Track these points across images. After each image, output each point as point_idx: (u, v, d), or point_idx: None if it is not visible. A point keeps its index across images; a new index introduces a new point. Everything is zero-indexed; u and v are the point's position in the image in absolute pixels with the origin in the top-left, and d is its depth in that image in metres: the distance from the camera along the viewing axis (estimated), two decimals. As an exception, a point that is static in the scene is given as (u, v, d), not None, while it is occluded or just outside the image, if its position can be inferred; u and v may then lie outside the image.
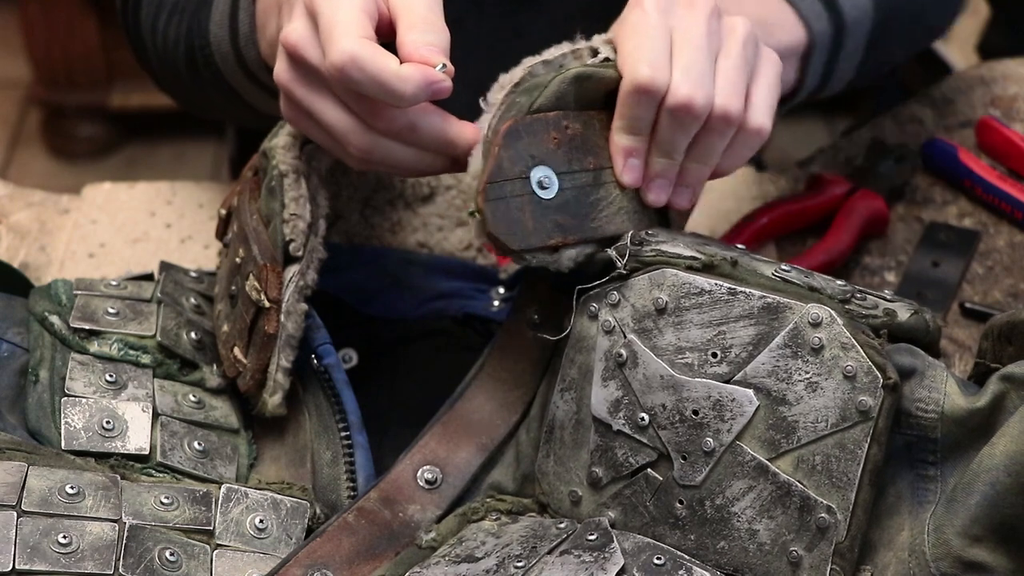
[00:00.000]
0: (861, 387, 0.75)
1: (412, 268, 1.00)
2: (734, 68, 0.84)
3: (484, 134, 0.81)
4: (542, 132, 0.82)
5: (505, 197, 0.80)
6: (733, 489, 0.76)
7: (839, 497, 0.74)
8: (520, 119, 0.81)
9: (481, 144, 0.81)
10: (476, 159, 0.81)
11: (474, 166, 0.81)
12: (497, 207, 0.80)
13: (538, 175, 0.81)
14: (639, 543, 0.77)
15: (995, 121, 1.19)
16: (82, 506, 0.76)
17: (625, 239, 0.82)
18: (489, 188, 0.79)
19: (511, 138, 0.80)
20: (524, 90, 0.82)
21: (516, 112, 0.81)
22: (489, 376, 0.86)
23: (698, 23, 0.84)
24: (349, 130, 0.83)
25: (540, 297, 0.85)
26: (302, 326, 0.86)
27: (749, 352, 0.77)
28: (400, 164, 0.85)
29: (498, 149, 0.80)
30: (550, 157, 0.82)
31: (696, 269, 0.80)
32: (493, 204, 0.80)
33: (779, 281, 0.78)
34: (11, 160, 2.79)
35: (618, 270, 0.81)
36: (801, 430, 0.76)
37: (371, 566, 0.79)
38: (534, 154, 0.81)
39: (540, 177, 0.81)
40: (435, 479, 0.83)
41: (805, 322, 0.76)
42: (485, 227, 0.80)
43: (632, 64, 0.82)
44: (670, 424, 0.78)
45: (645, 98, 0.82)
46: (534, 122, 0.82)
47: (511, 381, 0.86)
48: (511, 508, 0.82)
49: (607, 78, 0.83)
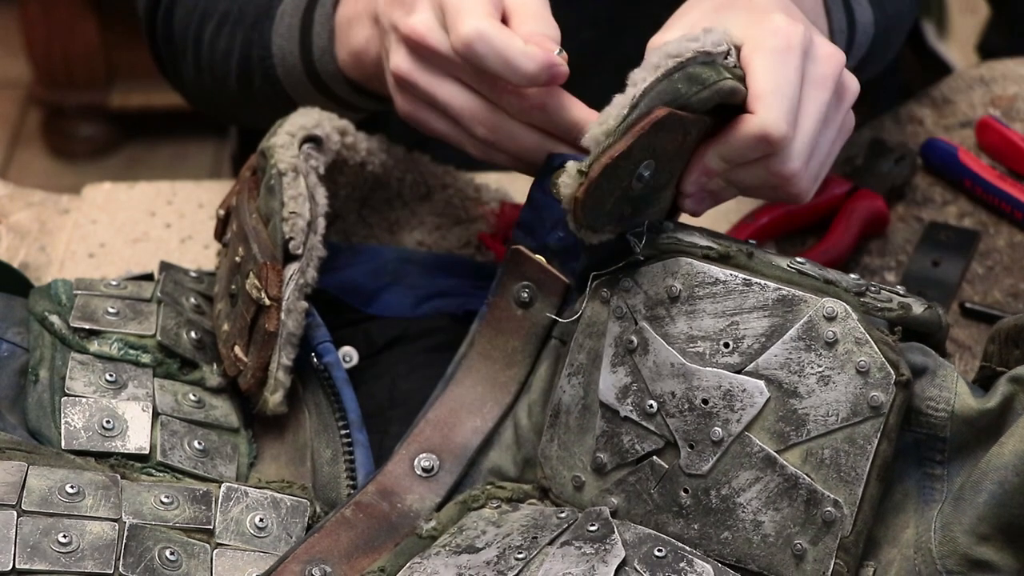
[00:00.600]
0: (874, 383, 0.75)
1: (411, 266, 1.00)
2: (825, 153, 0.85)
3: (633, 97, 0.77)
4: (676, 132, 0.79)
5: (613, 175, 0.77)
6: (740, 480, 0.76)
7: (846, 492, 0.74)
8: (673, 112, 0.77)
9: (624, 106, 0.77)
10: (611, 115, 0.77)
11: (606, 123, 0.77)
12: (601, 183, 0.77)
13: (644, 169, 0.79)
14: (640, 534, 0.77)
15: (995, 121, 1.19)
16: (82, 505, 0.77)
17: (643, 225, 0.81)
18: (610, 164, 0.77)
19: (656, 128, 0.77)
20: (685, 78, 0.78)
21: (671, 100, 0.78)
22: (479, 355, 0.86)
23: (826, 90, 0.83)
24: (476, 111, 0.86)
25: (530, 274, 0.85)
26: (302, 324, 0.87)
27: (762, 343, 0.77)
28: (524, 148, 0.87)
29: (640, 133, 0.77)
30: (662, 156, 0.79)
31: (712, 259, 0.80)
32: (601, 179, 0.77)
33: (795, 273, 0.79)
34: (11, 160, 2.79)
35: (635, 255, 0.81)
36: (811, 423, 0.76)
37: (371, 559, 0.79)
38: (657, 149, 0.78)
39: (644, 171, 0.79)
40: (432, 467, 0.83)
41: (820, 316, 0.76)
42: (579, 191, 0.77)
43: (770, 112, 0.80)
44: (679, 412, 0.78)
45: (765, 146, 0.81)
46: (679, 120, 0.78)
47: (502, 360, 0.86)
48: (511, 495, 0.82)
49: (742, 98, 0.80)
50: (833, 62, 0.84)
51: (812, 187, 0.85)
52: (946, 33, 2.34)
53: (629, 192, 0.79)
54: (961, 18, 2.34)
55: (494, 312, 0.86)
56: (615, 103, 0.78)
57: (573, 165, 0.78)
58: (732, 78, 0.80)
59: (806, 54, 0.83)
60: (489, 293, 0.87)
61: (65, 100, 2.70)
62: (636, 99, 0.77)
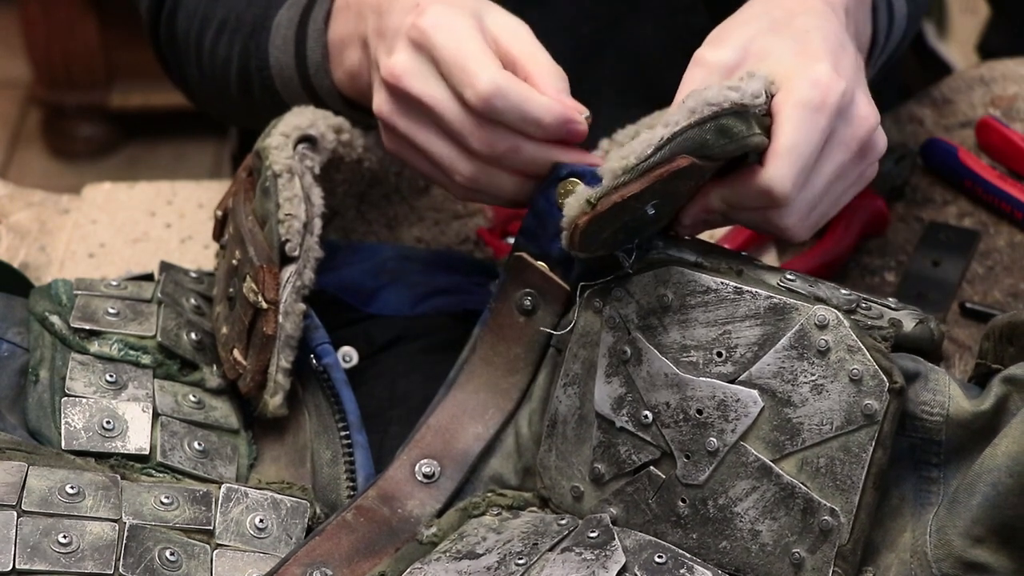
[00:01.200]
0: (867, 391, 0.75)
1: (409, 264, 1.00)
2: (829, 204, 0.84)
3: (661, 139, 0.76)
4: (692, 178, 0.78)
5: (619, 213, 0.77)
6: (736, 489, 0.76)
7: (843, 500, 0.74)
8: (694, 163, 0.76)
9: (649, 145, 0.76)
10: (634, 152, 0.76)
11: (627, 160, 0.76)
12: (608, 217, 0.77)
13: (650, 208, 0.78)
14: (640, 541, 0.77)
15: (995, 121, 1.19)
16: (82, 506, 0.77)
17: (633, 242, 0.81)
18: (620, 203, 0.76)
19: (677, 176, 0.76)
20: (716, 129, 0.76)
21: (696, 148, 0.76)
22: (481, 361, 0.86)
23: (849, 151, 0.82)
24: (454, 159, 0.85)
25: (532, 282, 0.85)
26: (300, 326, 0.86)
27: (755, 352, 0.77)
28: (504, 192, 0.86)
29: (659, 179, 0.76)
30: (671, 196, 0.78)
31: (702, 270, 0.79)
32: (609, 214, 0.76)
33: (784, 291, 0.78)
34: (11, 160, 2.79)
35: (624, 270, 0.81)
36: (806, 432, 0.75)
37: (371, 563, 0.79)
38: (668, 192, 0.77)
39: (649, 209, 0.78)
40: (433, 473, 0.83)
41: (812, 324, 0.76)
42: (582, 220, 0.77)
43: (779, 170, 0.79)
44: (674, 423, 0.78)
45: (767, 201, 0.80)
46: (700, 170, 0.77)
47: (504, 367, 0.85)
48: (512, 503, 0.82)
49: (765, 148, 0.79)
50: (866, 124, 0.83)
51: (807, 235, 0.84)
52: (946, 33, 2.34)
53: (631, 224, 0.79)
54: (961, 18, 2.34)
55: (496, 318, 0.86)
56: (643, 139, 0.77)
57: (583, 192, 0.77)
58: (760, 132, 0.78)
59: (840, 113, 0.81)
60: (491, 299, 0.86)
61: (65, 100, 2.70)
62: (663, 141, 0.76)
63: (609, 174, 0.77)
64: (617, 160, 0.77)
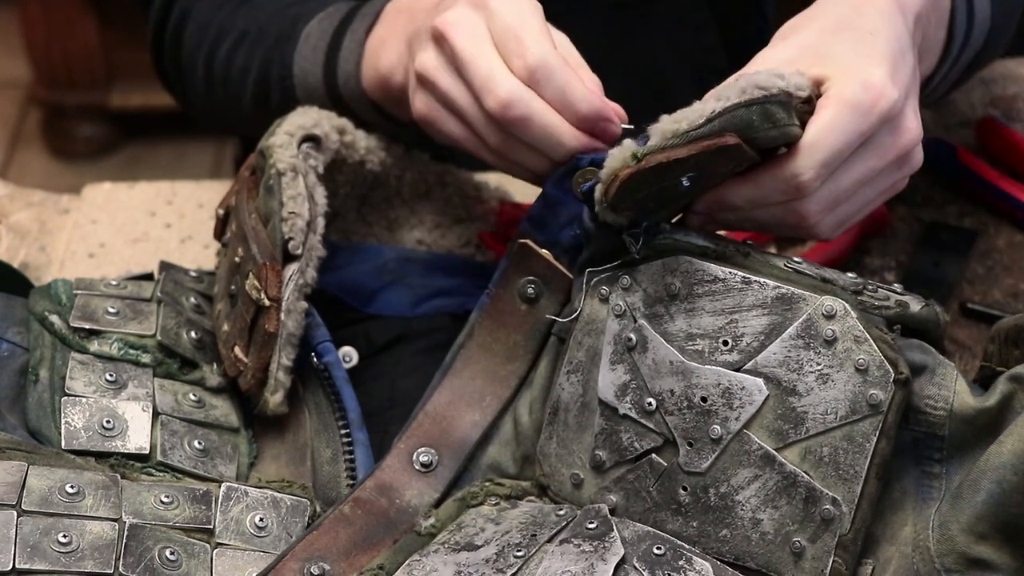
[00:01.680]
0: (872, 381, 0.75)
1: (410, 266, 1.00)
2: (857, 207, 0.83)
3: (712, 111, 0.77)
4: (732, 161, 0.78)
5: (659, 174, 0.77)
6: (738, 477, 0.76)
7: (845, 489, 0.74)
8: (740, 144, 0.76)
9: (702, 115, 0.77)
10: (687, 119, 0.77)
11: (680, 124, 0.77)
12: (647, 175, 0.77)
13: (687, 179, 0.78)
14: (639, 532, 0.77)
15: (995, 121, 1.19)
16: (82, 505, 0.77)
17: (640, 226, 0.81)
18: (664, 163, 0.76)
19: (719, 153, 0.77)
20: (762, 112, 0.77)
21: (743, 128, 0.77)
22: (479, 348, 0.86)
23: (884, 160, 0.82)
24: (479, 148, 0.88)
25: (536, 270, 0.85)
26: (302, 324, 0.87)
27: (761, 341, 0.77)
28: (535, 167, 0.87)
29: (704, 149, 0.76)
30: (708, 173, 0.79)
31: (709, 257, 0.79)
32: (648, 172, 0.77)
33: (792, 272, 0.78)
34: (11, 160, 2.79)
35: (631, 255, 0.81)
36: (810, 421, 0.76)
37: (370, 555, 0.79)
38: (707, 168, 0.78)
39: (685, 180, 0.78)
40: (431, 461, 0.83)
41: (819, 314, 0.76)
42: (623, 172, 0.77)
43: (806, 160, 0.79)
44: (677, 410, 0.78)
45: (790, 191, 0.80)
46: (742, 153, 0.77)
47: (503, 354, 0.85)
48: (510, 492, 0.82)
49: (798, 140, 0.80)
50: (909, 136, 0.82)
51: (830, 232, 0.84)
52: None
53: (663, 192, 0.79)
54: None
55: (496, 304, 0.86)
56: (695, 108, 0.77)
57: (629, 146, 0.78)
58: (798, 124, 0.79)
59: (886, 120, 0.81)
60: (491, 283, 0.86)
61: (65, 100, 2.70)
62: (714, 114, 0.77)
63: (659, 134, 0.77)
64: (669, 123, 0.77)
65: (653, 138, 0.77)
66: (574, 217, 0.84)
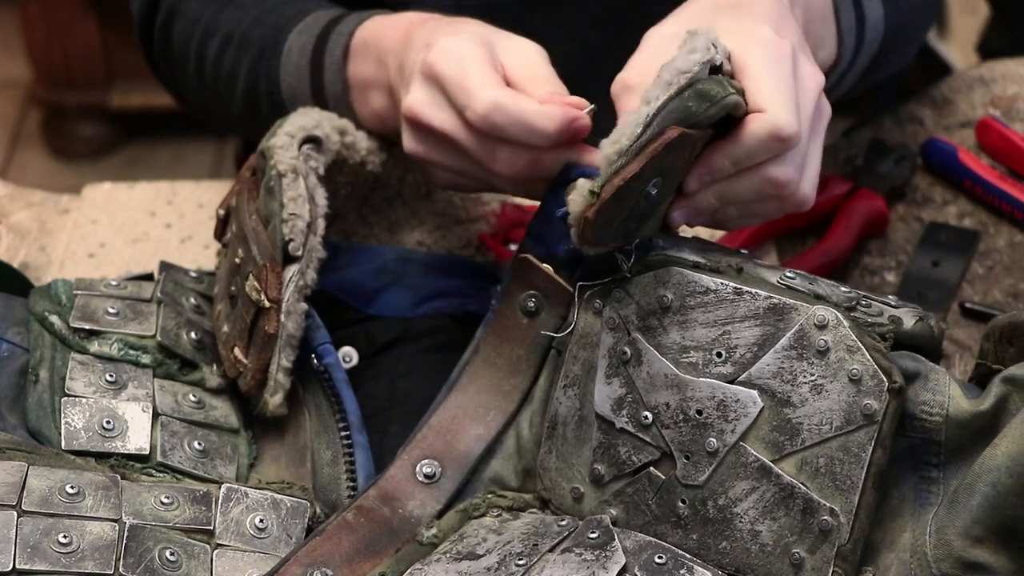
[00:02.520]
0: (866, 390, 0.75)
1: (411, 266, 1.00)
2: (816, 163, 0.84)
3: (647, 116, 0.76)
4: (686, 150, 0.79)
5: (624, 196, 0.77)
6: (736, 490, 0.76)
7: (842, 500, 0.74)
8: (684, 132, 0.77)
9: (638, 124, 0.76)
10: (624, 134, 0.76)
11: (619, 142, 0.76)
12: (613, 204, 0.77)
13: (652, 187, 0.78)
14: (640, 541, 0.77)
15: (995, 121, 1.19)
16: (82, 506, 0.77)
17: (632, 243, 0.81)
18: (622, 186, 0.76)
19: (669, 148, 0.77)
20: (696, 95, 0.77)
21: (683, 118, 0.77)
22: (484, 363, 0.86)
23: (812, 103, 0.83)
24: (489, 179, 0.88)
25: (537, 284, 0.85)
26: (302, 326, 0.86)
27: (754, 353, 0.77)
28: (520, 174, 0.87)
29: (654, 154, 0.76)
30: (668, 172, 0.79)
31: (701, 270, 0.79)
32: (613, 200, 0.76)
33: (784, 289, 0.78)
34: (11, 160, 2.79)
35: (623, 272, 0.81)
36: (805, 432, 0.75)
37: (371, 563, 0.79)
38: (666, 168, 0.78)
39: (651, 189, 0.78)
40: (434, 473, 0.83)
41: (811, 324, 0.76)
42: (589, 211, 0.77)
43: (779, 110, 0.80)
44: (673, 423, 0.78)
45: (778, 145, 0.81)
46: (690, 138, 0.78)
47: (506, 368, 0.85)
48: (512, 504, 0.82)
49: (743, 112, 0.80)
50: (815, 81, 0.84)
51: (812, 194, 0.85)
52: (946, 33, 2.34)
53: (636, 209, 0.79)
54: (961, 18, 2.34)
55: (500, 319, 0.86)
56: (629, 120, 0.77)
57: (584, 184, 0.77)
58: (735, 92, 0.79)
59: (794, 67, 0.83)
60: (495, 300, 0.86)
61: (65, 100, 2.70)
62: (650, 118, 0.77)
63: (605, 161, 0.77)
64: (609, 145, 0.77)
65: (601, 167, 0.77)
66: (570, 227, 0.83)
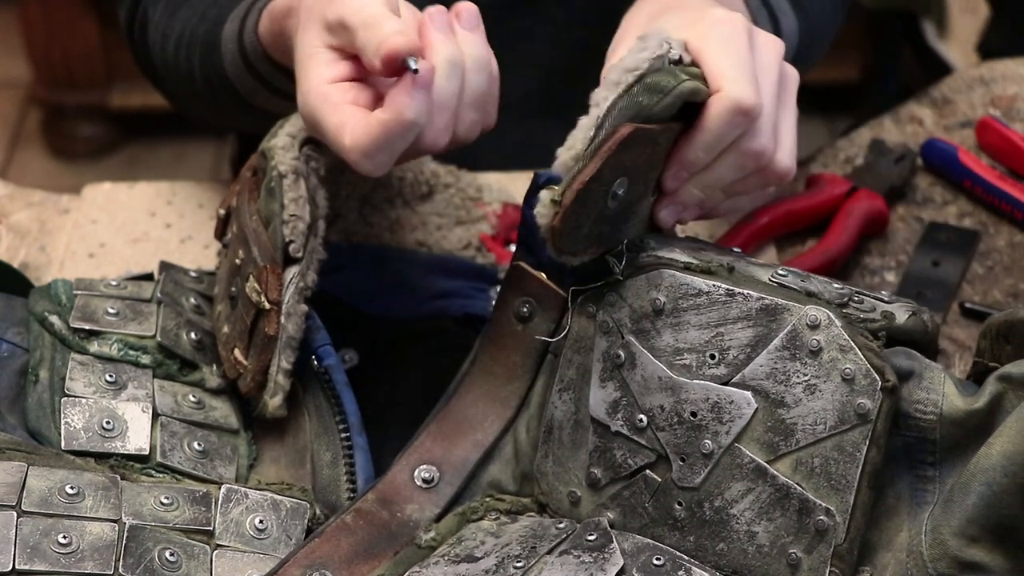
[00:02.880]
0: (860, 390, 0.75)
1: (411, 267, 1.00)
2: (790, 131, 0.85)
3: (597, 118, 0.77)
4: (644, 145, 0.79)
5: (587, 200, 0.77)
6: (732, 491, 0.76)
7: (838, 499, 0.74)
8: (638, 128, 0.77)
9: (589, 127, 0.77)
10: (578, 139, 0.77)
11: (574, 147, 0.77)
12: (576, 208, 0.77)
13: (617, 188, 0.78)
14: (638, 543, 0.77)
15: (995, 121, 1.19)
16: (82, 506, 0.77)
17: (622, 245, 0.81)
18: (582, 190, 0.76)
19: (624, 146, 0.77)
20: (645, 89, 0.78)
21: (635, 115, 0.78)
22: (481, 371, 0.86)
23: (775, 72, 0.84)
24: None
25: (530, 290, 0.84)
26: (302, 327, 0.86)
27: (747, 354, 0.77)
28: None
29: (608, 154, 0.76)
30: (633, 171, 0.79)
31: (693, 271, 0.79)
32: (575, 205, 0.77)
33: (775, 287, 0.78)
34: (11, 160, 2.79)
35: (615, 275, 0.81)
36: (800, 432, 0.75)
37: (370, 566, 0.79)
38: (627, 166, 0.78)
39: (618, 189, 0.78)
40: (432, 478, 0.83)
41: (803, 324, 0.76)
42: (555, 220, 0.77)
43: (736, 84, 0.81)
44: (668, 426, 0.78)
45: (742, 119, 0.81)
46: (646, 134, 0.78)
47: (503, 375, 0.85)
48: (510, 508, 0.82)
49: (704, 95, 0.81)
50: (775, 49, 0.85)
51: (792, 162, 0.85)
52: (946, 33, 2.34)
53: (605, 212, 0.79)
54: (961, 18, 2.34)
55: (495, 328, 0.86)
56: (580, 126, 0.77)
57: (546, 195, 0.77)
58: (690, 78, 0.80)
59: (751, 40, 0.84)
60: (493, 309, 0.86)
61: (65, 100, 2.70)
62: (600, 119, 0.77)
63: (562, 168, 0.77)
64: (565, 152, 0.77)
65: (561, 175, 0.77)
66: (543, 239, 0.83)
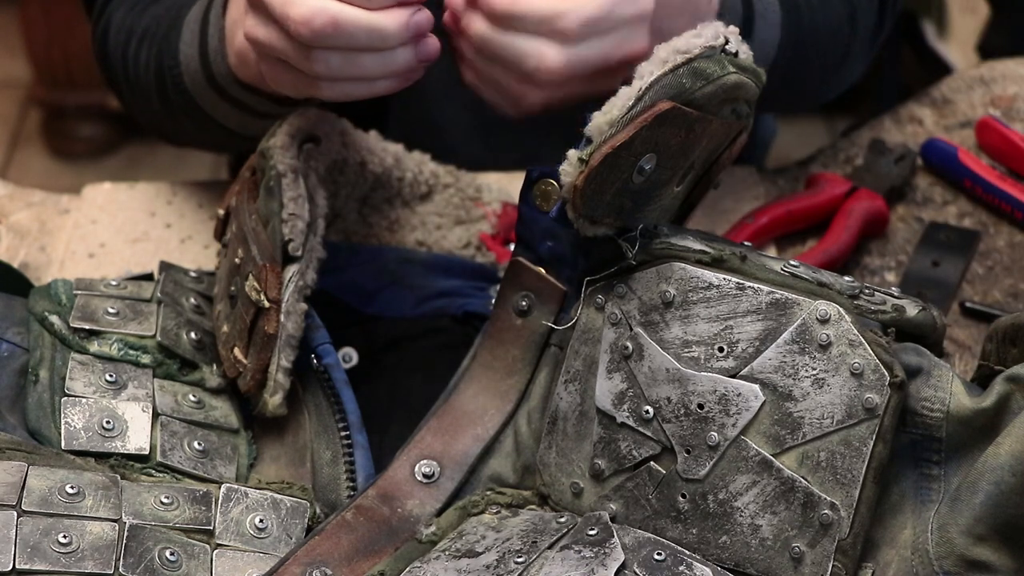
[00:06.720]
0: (868, 384, 0.75)
1: (411, 267, 1.00)
2: None
3: (639, 90, 0.78)
4: (679, 127, 0.79)
5: (614, 166, 0.77)
6: (737, 484, 0.76)
7: (843, 494, 0.74)
8: (676, 107, 0.78)
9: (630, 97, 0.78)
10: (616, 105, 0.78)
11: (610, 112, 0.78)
12: (602, 172, 0.77)
13: (645, 162, 0.79)
14: (639, 538, 0.77)
15: (995, 121, 1.19)
16: (82, 506, 0.77)
17: (636, 230, 0.81)
18: (611, 154, 0.77)
19: (659, 121, 0.77)
20: (690, 72, 0.79)
21: (676, 94, 0.78)
22: (481, 366, 0.86)
23: None
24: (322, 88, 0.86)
25: (529, 284, 0.85)
26: (302, 326, 0.86)
27: (756, 347, 0.77)
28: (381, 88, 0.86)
29: (643, 124, 0.77)
30: (663, 151, 0.79)
31: (705, 263, 0.80)
32: (601, 168, 0.77)
33: (788, 276, 0.78)
34: (11, 160, 2.79)
35: (628, 260, 0.81)
36: (807, 426, 0.76)
37: (371, 562, 0.79)
38: (659, 143, 0.79)
39: (645, 164, 0.79)
40: (432, 473, 0.83)
41: (813, 318, 0.76)
42: (579, 179, 0.77)
43: None
44: (675, 417, 0.78)
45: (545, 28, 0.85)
46: (683, 116, 0.79)
47: (503, 370, 0.85)
48: (511, 501, 0.82)
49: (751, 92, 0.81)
50: None
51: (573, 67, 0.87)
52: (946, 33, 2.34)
53: (629, 184, 0.79)
54: (961, 18, 2.34)
55: (495, 323, 0.86)
56: (621, 94, 0.78)
57: (574, 153, 0.78)
58: (736, 71, 0.80)
59: None
60: (492, 306, 0.87)
61: (65, 100, 2.70)
62: (642, 91, 0.78)
63: (595, 131, 0.78)
64: (601, 116, 0.78)
65: (592, 136, 0.78)
66: (547, 231, 0.84)
